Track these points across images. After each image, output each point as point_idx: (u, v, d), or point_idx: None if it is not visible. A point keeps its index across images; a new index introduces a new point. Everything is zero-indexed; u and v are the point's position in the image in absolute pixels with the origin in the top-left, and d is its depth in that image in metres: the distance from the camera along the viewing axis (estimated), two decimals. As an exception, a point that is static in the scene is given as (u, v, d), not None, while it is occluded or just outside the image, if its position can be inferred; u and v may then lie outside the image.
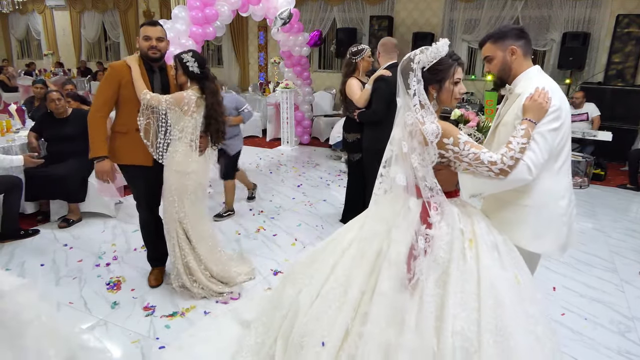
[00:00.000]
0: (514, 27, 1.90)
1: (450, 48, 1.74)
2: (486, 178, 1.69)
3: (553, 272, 3.36)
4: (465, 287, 1.63)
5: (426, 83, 1.72)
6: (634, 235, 4.13)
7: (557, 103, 1.73)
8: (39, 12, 13.75)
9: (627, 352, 2.49)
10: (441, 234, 1.67)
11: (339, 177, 5.81)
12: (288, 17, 6.03)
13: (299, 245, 3.76)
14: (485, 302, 1.60)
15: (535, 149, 1.70)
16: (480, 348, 1.55)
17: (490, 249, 1.71)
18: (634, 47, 6.73)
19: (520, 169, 1.68)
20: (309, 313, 1.84)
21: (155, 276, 3.08)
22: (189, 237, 2.82)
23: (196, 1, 4.97)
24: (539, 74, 1.88)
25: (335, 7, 9.11)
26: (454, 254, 1.67)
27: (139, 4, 11.75)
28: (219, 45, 11.01)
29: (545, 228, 1.83)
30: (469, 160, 1.66)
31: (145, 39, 2.70)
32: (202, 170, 2.80)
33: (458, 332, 1.57)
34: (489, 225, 1.79)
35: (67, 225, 3.99)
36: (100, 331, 2.57)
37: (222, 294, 2.88)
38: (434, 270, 1.65)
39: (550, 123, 1.72)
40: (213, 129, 2.78)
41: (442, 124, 1.68)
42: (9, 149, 3.99)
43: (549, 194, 1.81)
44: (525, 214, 1.82)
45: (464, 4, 7.97)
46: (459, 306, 1.60)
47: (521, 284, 1.70)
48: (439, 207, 1.69)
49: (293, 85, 7.07)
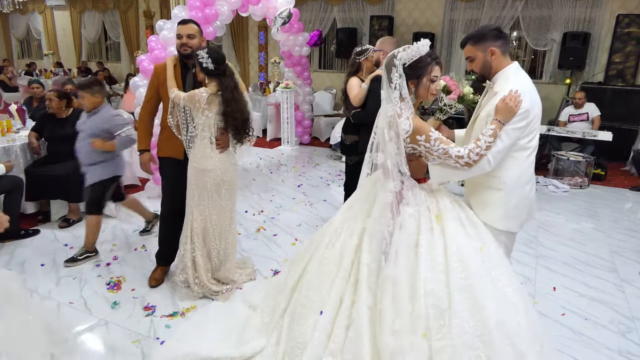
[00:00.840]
0: (492, 29, 2.04)
1: (430, 48, 1.91)
2: (452, 169, 1.92)
3: (553, 272, 3.36)
4: (434, 254, 1.86)
5: (406, 78, 1.90)
6: (634, 235, 4.13)
7: (527, 105, 1.91)
8: (40, 12, 13.76)
9: (628, 352, 2.49)
10: (410, 211, 1.92)
11: (339, 177, 5.82)
12: (288, 16, 6.03)
13: (299, 245, 3.76)
14: (452, 265, 1.83)
15: (499, 144, 1.91)
16: (450, 305, 1.77)
17: (454, 220, 1.95)
18: (634, 47, 6.73)
19: (481, 162, 1.91)
20: (309, 287, 2.08)
21: (156, 275, 3.09)
22: (205, 233, 2.83)
23: (196, 1, 4.97)
24: (516, 72, 2.03)
25: (336, 7, 9.11)
26: (422, 227, 1.91)
27: (139, 3, 11.75)
28: (219, 45, 11.01)
29: (513, 209, 2.06)
30: (439, 154, 1.89)
31: (178, 37, 2.84)
32: (223, 168, 2.79)
33: (430, 292, 1.79)
34: (454, 203, 2.02)
35: (67, 225, 3.99)
36: (100, 331, 2.57)
37: (218, 292, 2.88)
38: (405, 243, 1.88)
39: (516, 123, 1.91)
40: (232, 125, 2.76)
41: (416, 121, 1.89)
42: (10, 148, 3.99)
43: (517, 181, 2.03)
44: (498, 197, 2.05)
45: (464, 4, 7.97)
46: (428, 270, 1.83)
47: (485, 253, 1.90)
48: (409, 190, 1.94)
49: (293, 85, 7.07)
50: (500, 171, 2.00)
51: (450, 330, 1.74)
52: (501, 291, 1.83)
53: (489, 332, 1.74)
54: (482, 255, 1.88)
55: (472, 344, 1.73)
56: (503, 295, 1.82)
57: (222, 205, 2.85)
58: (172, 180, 2.97)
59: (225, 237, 2.92)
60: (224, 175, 2.79)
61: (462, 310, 1.76)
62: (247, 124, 2.82)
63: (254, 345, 2.20)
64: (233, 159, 2.90)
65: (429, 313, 1.77)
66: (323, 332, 1.94)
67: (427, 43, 1.90)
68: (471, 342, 1.73)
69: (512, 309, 1.81)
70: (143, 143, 3.03)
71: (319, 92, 8.81)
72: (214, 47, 2.82)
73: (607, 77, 6.96)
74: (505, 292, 1.83)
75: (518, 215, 2.09)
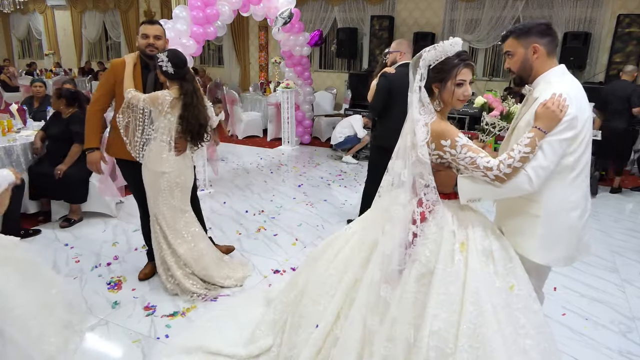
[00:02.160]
0: (540, 23, 1.77)
1: (461, 48, 1.70)
2: (484, 184, 1.66)
3: (554, 272, 3.34)
4: (449, 289, 1.63)
5: (430, 81, 1.71)
6: (635, 235, 4.13)
7: (574, 112, 1.62)
8: (40, 12, 13.76)
9: (628, 353, 2.49)
10: (428, 232, 1.69)
11: (340, 177, 5.81)
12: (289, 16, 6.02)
13: (300, 245, 3.76)
14: (467, 306, 1.60)
15: (541, 158, 1.62)
16: (455, 351, 1.57)
17: (482, 254, 1.70)
18: (634, 47, 6.72)
19: (520, 179, 1.62)
20: (309, 296, 1.98)
21: (145, 270, 3.16)
22: (165, 233, 2.85)
23: (197, 1, 4.97)
24: (561, 76, 1.77)
25: (336, 6, 9.11)
26: (440, 255, 1.67)
27: (139, 3, 11.76)
28: (220, 45, 11.02)
29: (554, 240, 1.76)
30: (465, 164, 1.65)
31: (144, 37, 2.79)
32: (178, 170, 2.79)
33: (435, 332, 1.59)
34: (487, 231, 1.76)
35: (68, 225, 4.00)
36: (101, 331, 2.58)
37: (194, 294, 2.86)
38: (416, 268, 1.68)
39: (562, 133, 1.62)
40: (189, 130, 2.74)
41: (442, 125, 1.68)
42: (11, 148, 3.99)
43: (560, 205, 1.73)
44: (535, 224, 1.76)
45: (465, 3, 7.96)
46: (440, 307, 1.62)
47: (515, 293, 1.68)
48: (431, 206, 1.69)
49: (294, 85, 7.07)
50: (538, 194, 1.71)
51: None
52: (520, 343, 1.63)
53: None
54: (510, 295, 1.66)
55: None
56: (521, 348, 1.62)
57: (175, 206, 2.84)
58: (133, 182, 2.97)
59: (187, 236, 2.89)
60: (177, 177, 2.80)
61: (466, 359, 1.57)
62: (203, 129, 2.80)
63: (261, 345, 2.21)
64: (189, 162, 2.89)
65: (429, 356, 1.59)
66: (314, 347, 1.86)
67: (457, 42, 1.69)
68: None
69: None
70: (93, 141, 2.90)
71: (320, 92, 8.80)
72: (175, 49, 2.78)
73: (607, 77, 6.95)
74: (525, 345, 1.63)
75: (562, 247, 1.77)
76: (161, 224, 2.83)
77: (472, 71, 1.73)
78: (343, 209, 4.60)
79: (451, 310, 1.61)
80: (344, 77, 9.12)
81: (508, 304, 1.65)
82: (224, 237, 3.80)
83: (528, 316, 1.67)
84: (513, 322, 1.65)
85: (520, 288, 1.69)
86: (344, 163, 6.47)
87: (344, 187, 5.34)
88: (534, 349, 1.64)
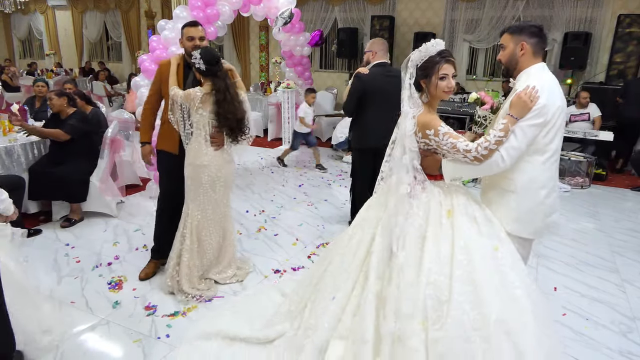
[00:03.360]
0: (532, 25, 2.00)
1: (443, 47, 1.93)
2: (464, 164, 1.92)
3: (554, 272, 3.36)
4: (440, 247, 1.88)
5: (418, 78, 1.95)
6: (635, 235, 4.13)
7: (543, 101, 1.86)
8: (41, 12, 13.77)
9: (629, 353, 2.49)
10: (420, 204, 1.96)
11: (340, 177, 5.82)
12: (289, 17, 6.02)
13: (300, 245, 3.76)
14: (457, 257, 1.84)
15: (513, 140, 1.87)
16: (450, 297, 1.78)
17: (466, 217, 1.95)
18: (635, 47, 6.72)
19: (494, 158, 1.88)
20: (329, 276, 2.19)
21: (147, 269, 3.18)
22: (199, 228, 2.90)
23: (197, 1, 4.97)
24: (540, 71, 1.98)
25: (337, 7, 9.11)
26: (430, 220, 1.93)
27: (140, 4, 11.76)
28: (221, 45, 11.02)
29: (524, 213, 2.00)
30: (448, 149, 1.90)
31: (189, 39, 2.90)
32: (218, 164, 2.85)
33: (432, 283, 1.82)
34: (469, 200, 2.01)
35: (69, 224, 4.00)
36: (101, 330, 2.58)
37: (189, 295, 2.87)
38: (412, 233, 1.92)
39: (532, 119, 1.86)
40: (226, 125, 2.80)
41: (427, 116, 1.93)
42: (11, 148, 4.00)
43: (530, 184, 1.97)
44: (509, 199, 2.01)
45: (465, 3, 7.96)
46: (432, 262, 1.86)
47: (500, 254, 1.88)
48: (422, 183, 1.98)
49: (294, 85, 7.07)
50: (513, 173, 1.97)
51: (447, 321, 1.76)
52: (510, 291, 1.81)
53: (487, 326, 1.74)
54: (495, 254, 1.87)
55: (469, 337, 1.74)
56: (511, 295, 1.81)
57: (217, 200, 2.92)
58: (168, 173, 3.08)
59: (220, 232, 3.00)
60: (218, 171, 2.86)
61: (461, 302, 1.77)
62: (242, 124, 2.86)
63: (278, 329, 2.34)
64: (228, 156, 2.95)
65: (426, 304, 1.80)
66: (333, 317, 2.05)
67: (437, 42, 1.93)
68: (468, 335, 1.74)
69: (519, 310, 1.79)
70: (145, 136, 3.14)
71: (320, 92, 8.79)
72: (209, 47, 2.86)
73: (608, 77, 6.95)
74: (515, 293, 1.81)
75: (530, 220, 2.02)
76: (194, 219, 2.88)
77: (454, 66, 1.96)
78: (344, 209, 4.60)
79: (443, 262, 1.85)
80: (345, 77, 9.13)
81: (494, 258, 1.87)
82: (224, 237, 3.81)
83: (516, 272, 1.87)
84: (501, 275, 1.84)
85: (503, 250, 1.90)
86: (344, 163, 6.47)
87: (345, 187, 5.33)
88: (524, 298, 1.81)
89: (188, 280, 2.89)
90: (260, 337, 2.35)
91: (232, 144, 2.92)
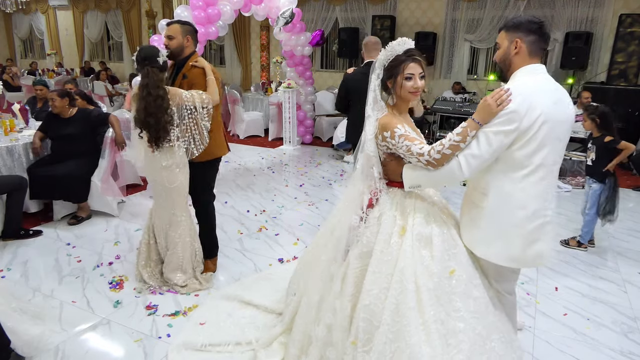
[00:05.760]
0: (531, 20, 1.72)
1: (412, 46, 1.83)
2: (421, 170, 1.77)
3: (555, 272, 3.36)
4: (382, 268, 1.79)
5: (384, 79, 1.86)
6: (637, 235, 4.12)
7: (514, 107, 1.59)
8: (42, 12, 13.79)
9: (630, 353, 2.48)
10: (372, 217, 1.88)
11: (341, 176, 5.82)
12: (290, 16, 6.02)
13: (301, 244, 3.76)
14: (393, 284, 1.74)
15: (474, 147, 1.65)
16: (380, 324, 1.72)
17: (417, 239, 1.80)
18: (636, 47, 6.71)
19: (451, 165, 1.69)
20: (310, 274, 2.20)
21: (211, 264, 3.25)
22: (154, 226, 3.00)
23: (198, 1, 4.97)
24: (526, 73, 1.72)
25: (338, 6, 9.11)
26: (379, 236, 1.83)
27: (141, 3, 11.77)
28: (222, 44, 11.02)
29: (494, 235, 1.75)
30: (403, 152, 1.78)
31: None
32: (150, 170, 2.83)
33: (367, 306, 1.78)
34: (429, 218, 1.84)
35: (76, 222, 4.02)
36: (102, 330, 2.58)
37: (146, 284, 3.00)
38: (358, 247, 1.88)
39: (498, 125, 1.62)
40: (138, 123, 2.64)
41: (387, 118, 1.83)
42: (13, 148, 4.00)
43: (504, 200, 1.72)
44: (479, 216, 1.78)
45: (466, 3, 7.95)
46: (372, 283, 1.79)
47: (455, 278, 1.75)
48: (378, 194, 1.89)
49: (295, 84, 7.07)
50: (487, 185, 1.74)
51: (372, 348, 1.73)
52: (448, 324, 1.69)
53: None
54: (449, 279, 1.73)
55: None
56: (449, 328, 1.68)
57: (161, 205, 2.91)
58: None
59: (164, 237, 2.96)
60: (151, 176, 2.87)
61: (385, 332, 1.71)
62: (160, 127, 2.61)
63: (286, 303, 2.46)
64: (166, 162, 2.73)
65: (359, 326, 1.78)
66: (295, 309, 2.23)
67: (405, 41, 1.81)
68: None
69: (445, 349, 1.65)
70: None
71: (321, 91, 8.79)
72: (150, 45, 2.81)
73: (609, 77, 6.94)
74: (455, 326, 1.69)
75: (503, 246, 1.74)
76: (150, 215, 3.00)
77: (421, 65, 1.82)
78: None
79: (381, 287, 1.77)
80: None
81: (441, 287, 1.73)
82: (225, 237, 3.81)
83: (466, 301, 1.73)
84: (446, 304, 1.72)
85: (460, 274, 1.76)
86: (345, 163, 6.47)
87: (345, 187, 5.33)
88: (465, 333, 1.68)
89: (147, 271, 3.01)
90: (269, 308, 2.60)
91: (155, 148, 2.68)
